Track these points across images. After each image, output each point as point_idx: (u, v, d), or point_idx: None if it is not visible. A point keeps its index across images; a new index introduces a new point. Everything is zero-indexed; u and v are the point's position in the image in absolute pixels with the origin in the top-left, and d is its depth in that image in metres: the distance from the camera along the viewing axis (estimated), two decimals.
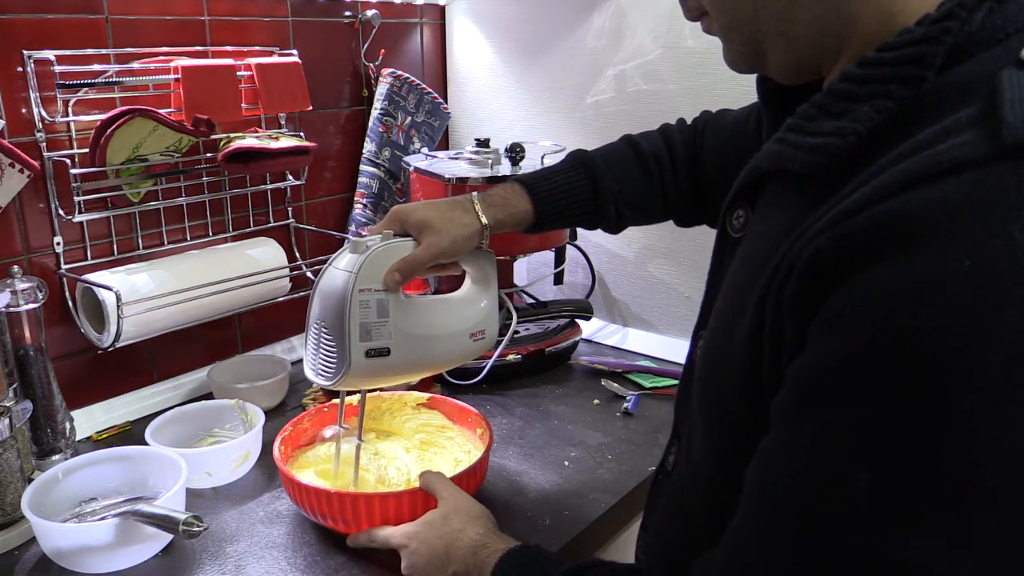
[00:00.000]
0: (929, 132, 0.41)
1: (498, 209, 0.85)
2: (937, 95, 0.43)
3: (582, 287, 1.49)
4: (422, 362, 0.85)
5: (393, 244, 0.81)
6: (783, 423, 0.44)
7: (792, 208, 0.49)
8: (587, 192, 0.87)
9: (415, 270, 0.80)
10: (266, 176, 1.30)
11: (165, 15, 1.14)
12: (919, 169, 0.39)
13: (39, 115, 1.03)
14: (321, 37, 1.36)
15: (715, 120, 0.91)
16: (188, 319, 1.15)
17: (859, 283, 0.39)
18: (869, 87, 0.45)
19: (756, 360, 0.48)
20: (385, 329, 0.79)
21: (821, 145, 0.47)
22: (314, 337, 0.81)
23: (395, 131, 1.44)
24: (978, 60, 0.42)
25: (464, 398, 1.07)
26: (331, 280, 0.79)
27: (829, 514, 0.40)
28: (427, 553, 0.77)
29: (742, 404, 0.50)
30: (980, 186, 0.37)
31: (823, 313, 0.41)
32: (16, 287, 0.96)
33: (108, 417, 1.15)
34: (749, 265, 0.53)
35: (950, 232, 0.36)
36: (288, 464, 0.94)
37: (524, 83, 1.50)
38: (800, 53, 0.52)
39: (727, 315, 0.54)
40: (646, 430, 1.13)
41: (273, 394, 1.20)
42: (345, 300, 0.77)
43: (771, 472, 0.45)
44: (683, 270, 1.37)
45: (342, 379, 0.79)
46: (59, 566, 0.84)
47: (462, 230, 0.82)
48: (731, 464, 0.51)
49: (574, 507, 0.95)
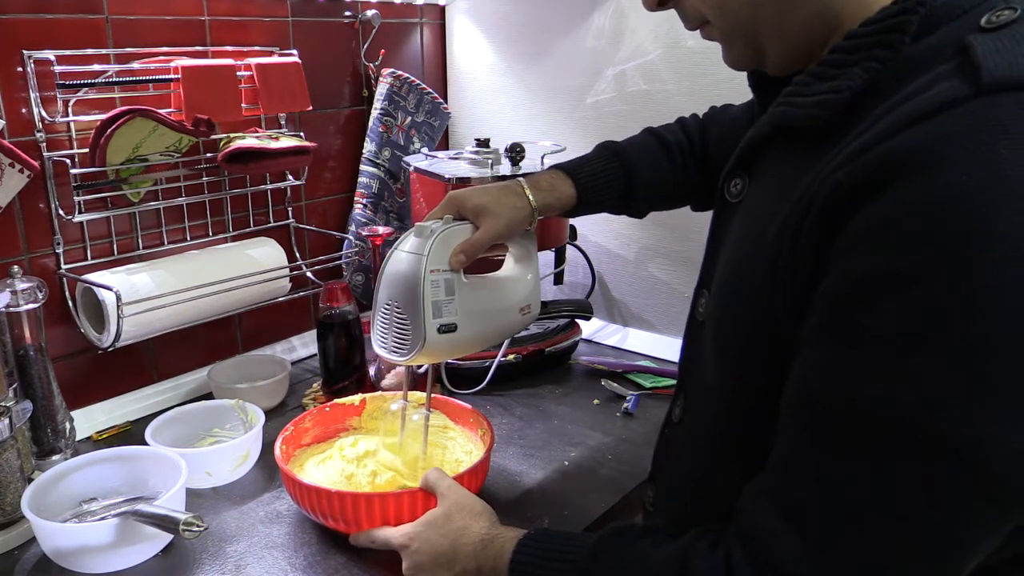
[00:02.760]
0: (916, 84, 0.48)
1: (546, 193, 0.89)
2: (914, 58, 0.51)
3: (582, 287, 1.49)
4: (483, 336, 0.89)
5: (454, 227, 0.85)
6: (820, 341, 0.49)
7: (796, 164, 0.55)
8: (621, 179, 0.92)
9: (477, 251, 0.85)
10: (266, 176, 1.30)
11: (165, 15, 1.14)
12: (917, 110, 0.46)
13: (39, 115, 1.03)
14: (321, 37, 1.36)
15: (719, 112, 0.98)
16: (188, 319, 1.15)
17: (879, 205, 0.45)
18: (857, 54, 0.53)
19: (772, 296, 0.54)
20: (452, 307, 0.83)
21: (820, 101, 0.54)
22: (385, 317, 0.85)
23: (395, 131, 1.44)
24: (944, 30, 0.51)
25: (464, 398, 1.07)
26: (401, 263, 0.83)
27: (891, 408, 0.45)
28: (431, 552, 0.77)
29: (760, 343, 0.56)
30: (968, 117, 0.44)
31: (844, 238, 0.47)
32: (16, 287, 0.96)
33: (108, 417, 1.15)
34: (755, 217, 0.59)
35: (949, 155, 0.44)
36: (289, 464, 0.94)
37: (524, 83, 1.50)
38: (795, 48, 0.59)
39: (737, 262, 0.60)
40: (646, 430, 1.13)
41: (273, 394, 1.20)
42: (419, 280, 0.81)
43: (818, 386, 0.49)
44: (683, 270, 1.37)
45: (416, 354, 0.83)
46: (59, 566, 0.84)
47: (516, 214, 0.86)
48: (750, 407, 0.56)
49: (574, 507, 0.95)
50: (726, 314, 0.61)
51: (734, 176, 0.65)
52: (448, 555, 0.75)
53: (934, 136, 0.45)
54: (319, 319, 1.18)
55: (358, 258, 1.42)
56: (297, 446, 1.00)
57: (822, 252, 0.49)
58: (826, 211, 0.49)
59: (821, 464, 0.48)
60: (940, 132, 0.44)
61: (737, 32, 0.60)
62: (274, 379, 1.19)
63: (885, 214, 0.45)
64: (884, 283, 0.45)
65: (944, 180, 0.43)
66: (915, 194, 0.44)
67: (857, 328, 0.47)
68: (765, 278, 0.54)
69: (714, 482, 0.64)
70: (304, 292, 1.34)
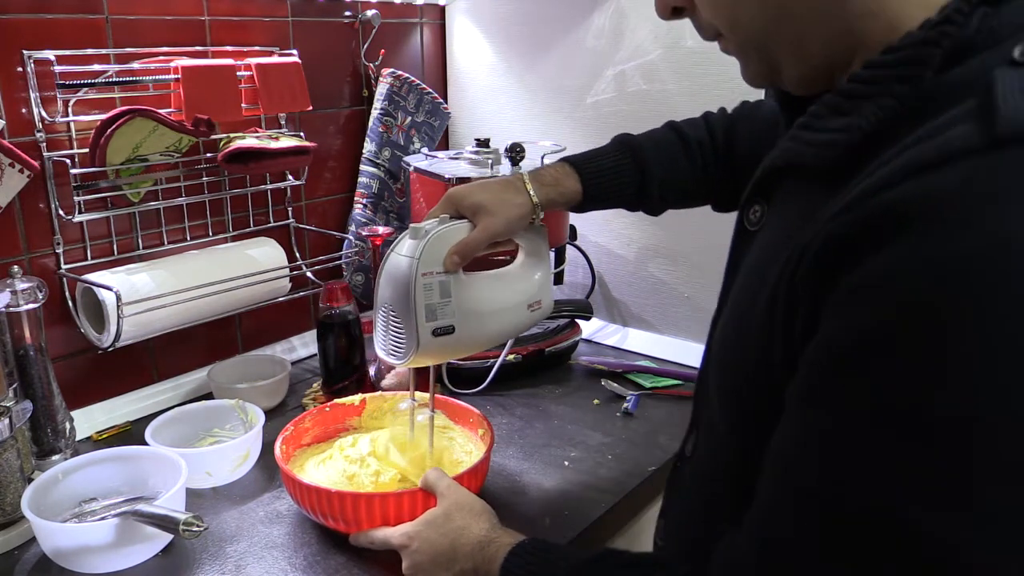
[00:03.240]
0: (930, 126, 0.43)
1: (549, 188, 0.86)
2: (936, 93, 0.45)
3: (582, 287, 1.49)
4: (485, 336, 0.88)
5: (450, 227, 0.83)
6: (800, 402, 0.46)
7: (805, 201, 0.52)
8: (633, 175, 0.89)
9: (473, 252, 0.83)
10: (266, 176, 1.30)
11: (165, 15, 1.14)
12: (922, 158, 0.41)
13: (39, 115, 1.03)
14: (321, 37, 1.36)
15: (752, 108, 0.94)
16: (188, 319, 1.15)
17: (872, 264, 0.41)
18: (873, 87, 0.48)
19: (769, 344, 0.50)
20: (449, 309, 0.82)
21: (829, 141, 0.50)
22: (383, 320, 0.85)
23: (395, 131, 1.44)
24: (974, 62, 0.45)
25: (464, 398, 1.07)
26: (395, 266, 0.83)
27: (851, 487, 0.42)
28: (431, 552, 0.77)
29: (757, 387, 0.52)
30: (978, 173, 0.39)
31: (835, 295, 0.43)
32: (16, 287, 0.96)
33: (108, 417, 1.15)
34: (764, 254, 0.55)
35: (952, 215, 0.39)
36: (289, 464, 0.94)
37: (524, 83, 1.49)
38: (814, 68, 0.54)
39: (743, 302, 0.56)
40: (646, 430, 1.13)
41: (273, 394, 1.20)
42: (409, 284, 0.80)
43: (791, 450, 0.46)
44: (683, 270, 1.37)
45: (412, 358, 0.83)
46: (59, 566, 0.84)
47: (515, 210, 0.84)
48: (748, 447, 0.52)
49: (574, 507, 0.95)
50: (727, 354, 0.58)
51: (753, 203, 0.61)
52: (448, 555, 0.75)
53: (937, 191, 0.40)
54: (319, 319, 1.18)
55: (358, 258, 1.42)
56: (297, 446, 1.00)
57: (817, 305, 0.45)
58: (820, 262, 0.45)
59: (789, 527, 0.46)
60: (943, 188, 0.40)
61: (751, 47, 0.57)
62: (274, 379, 1.19)
63: (877, 274, 0.41)
64: (865, 352, 0.41)
65: (944, 244, 0.39)
66: (910, 256, 0.40)
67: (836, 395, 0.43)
68: (764, 324, 0.51)
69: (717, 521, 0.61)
70: (304, 292, 1.34)
